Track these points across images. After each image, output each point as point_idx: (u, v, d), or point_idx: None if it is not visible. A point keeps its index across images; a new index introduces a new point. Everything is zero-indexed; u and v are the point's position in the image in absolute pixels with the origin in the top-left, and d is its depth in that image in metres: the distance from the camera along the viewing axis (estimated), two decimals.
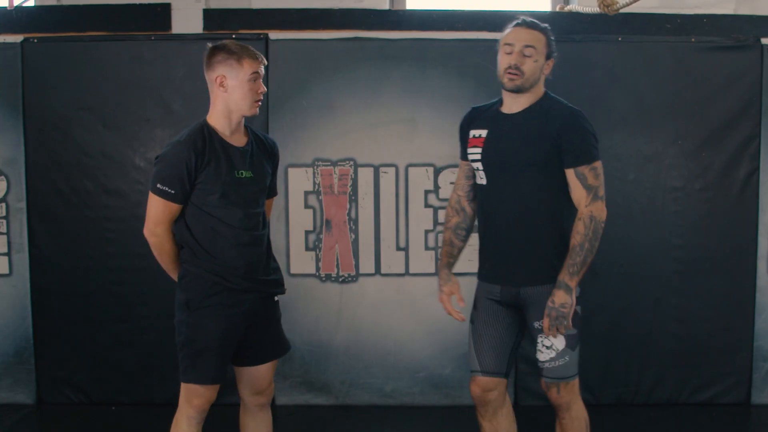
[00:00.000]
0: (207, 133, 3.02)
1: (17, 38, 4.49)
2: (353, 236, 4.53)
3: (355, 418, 4.46)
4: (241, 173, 3.04)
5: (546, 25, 3.12)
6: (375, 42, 4.48)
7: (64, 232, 4.53)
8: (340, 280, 4.55)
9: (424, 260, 4.51)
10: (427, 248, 4.52)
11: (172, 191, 2.95)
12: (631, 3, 4.13)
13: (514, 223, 3.06)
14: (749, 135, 4.48)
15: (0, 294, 4.54)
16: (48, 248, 4.53)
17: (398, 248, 4.55)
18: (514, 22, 3.10)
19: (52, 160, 4.51)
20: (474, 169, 3.17)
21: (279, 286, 3.20)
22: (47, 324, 4.56)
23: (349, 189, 4.52)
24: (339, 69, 4.44)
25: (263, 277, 3.11)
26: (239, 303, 3.05)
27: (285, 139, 4.36)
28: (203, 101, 4.49)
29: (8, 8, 4.87)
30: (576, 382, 3.14)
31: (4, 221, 4.52)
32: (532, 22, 3.08)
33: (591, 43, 4.51)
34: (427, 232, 4.52)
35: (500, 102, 3.19)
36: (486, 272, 3.19)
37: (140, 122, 4.51)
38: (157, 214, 2.98)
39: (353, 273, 4.55)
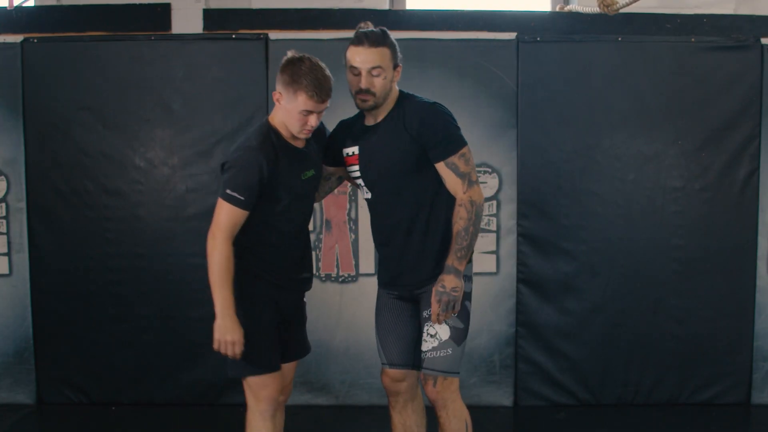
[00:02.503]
0: (275, 138, 2.97)
1: (17, 38, 4.49)
2: (353, 236, 4.53)
3: (355, 418, 4.46)
4: (306, 174, 3.03)
5: (386, 33, 3.03)
6: None
7: (64, 232, 4.53)
8: (340, 280, 4.55)
9: None
10: None
11: (242, 198, 2.88)
12: (631, 3, 4.12)
13: (402, 232, 3.07)
14: (749, 135, 4.48)
15: (0, 294, 4.54)
16: (48, 248, 4.53)
17: None
18: (355, 39, 3.00)
19: (52, 160, 4.52)
20: (359, 186, 3.18)
21: (310, 282, 3.22)
22: (47, 324, 4.56)
23: (349, 189, 4.51)
24: (339, 69, 4.44)
25: (301, 275, 3.13)
26: (281, 298, 3.08)
27: None
28: (203, 101, 4.53)
29: (8, 8, 4.87)
30: (456, 381, 3.09)
31: (4, 221, 4.52)
32: (374, 37, 2.98)
33: (591, 43, 4.51)
34: None
35: (361, 114, 3.15)
36: (384, 279, 3.22)
37: (140, 122, 4.51)
38: (223, 219, 2.90)
39: (353, 273, 4.55)
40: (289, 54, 2.99)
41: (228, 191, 2.89)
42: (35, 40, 4.49)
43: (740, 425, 4.44)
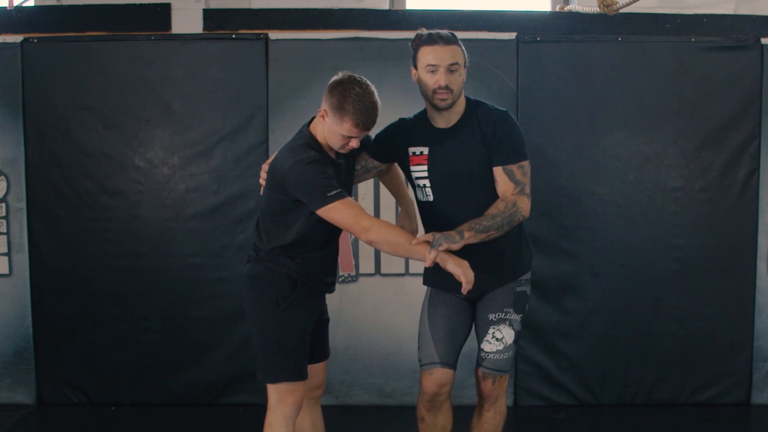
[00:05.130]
0: (317, 149, 2.97)
1: (17, 38, 4.49)
2: (353, 236, 4.52)
3: (355, 418, 4.46)
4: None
5: (455, 34, 3.05)
6: (375, 42, 4.48)
7: (64, 232, 4.53)
8: (340, 280, 4.55)
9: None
10: None
11: (339, 188, 2.89)
12: (631, 3, 4.12)
13: None
14: (749, 135, 4.48)
15: (0, 294, 4.54)
16: (48, 248, 4.54)
17: None
18: (427, 39, 2.99)
19: (52, 160, 4.52)
20: (419, 186, 3.15)
21: (335, 285, 3.24)
22: (47, 324, 4.56)
23: None
24: (339, 69, 4.39)
25: (330, 278, 3.17)
26: (316, 302, 3.13)
27: (285, 139, 4.34)
28: (203, 101, 4.52)
29: (8, 8, 4.87)
30: (507, 378, 3.23)
31: (4, 221, 4.52)
32: (447, 36, 3.00)
33: (591, 43, 4.51)
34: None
35: (425, 116, 3.13)
36: (440, 281, 3.17)
37: (140, 122, 4.51)
38: (351, 213, 2.88)
39: (353, 273, 4.55)
40: (340, 75, 2.97)
41: (328, 195, 2.86)
42: (35, 40, 4.49)
43: (740, 425, 4.45)
